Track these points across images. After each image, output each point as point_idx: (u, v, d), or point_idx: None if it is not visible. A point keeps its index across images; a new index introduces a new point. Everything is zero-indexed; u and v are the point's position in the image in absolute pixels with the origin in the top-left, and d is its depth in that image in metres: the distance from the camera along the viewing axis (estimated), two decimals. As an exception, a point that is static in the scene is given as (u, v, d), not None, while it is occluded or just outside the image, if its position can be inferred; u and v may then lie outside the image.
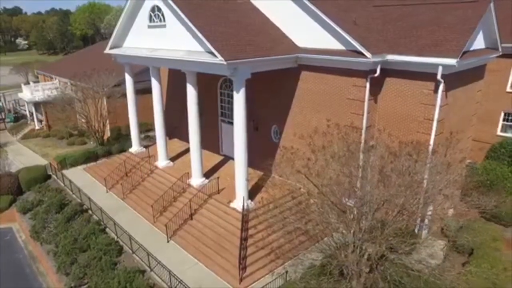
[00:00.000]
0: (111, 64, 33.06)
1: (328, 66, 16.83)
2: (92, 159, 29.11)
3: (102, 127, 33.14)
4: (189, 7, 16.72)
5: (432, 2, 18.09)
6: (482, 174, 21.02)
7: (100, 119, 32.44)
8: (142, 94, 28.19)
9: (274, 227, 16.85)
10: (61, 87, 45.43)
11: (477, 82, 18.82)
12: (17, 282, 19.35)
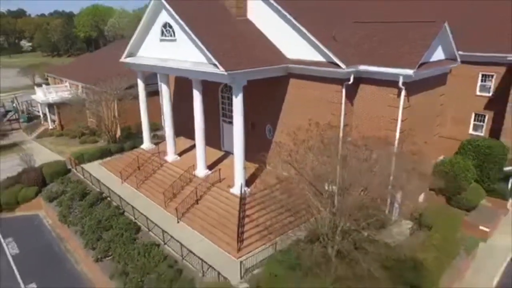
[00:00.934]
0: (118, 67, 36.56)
1: (311, 75, 20.17)
2: (107, 155, 32.44)
3: (114, 127, 36.45)
4: (196, 25, 20.04)
5: (401, 20, 21.41)
6: (448, 167, 24.31)
7: (113, 119, 35.76)
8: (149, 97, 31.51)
9: (267, 209, 20.25)
10: (74, 90, 48.87)
11: (440, 88, 22.15)
12: (49, 259, 22.70)
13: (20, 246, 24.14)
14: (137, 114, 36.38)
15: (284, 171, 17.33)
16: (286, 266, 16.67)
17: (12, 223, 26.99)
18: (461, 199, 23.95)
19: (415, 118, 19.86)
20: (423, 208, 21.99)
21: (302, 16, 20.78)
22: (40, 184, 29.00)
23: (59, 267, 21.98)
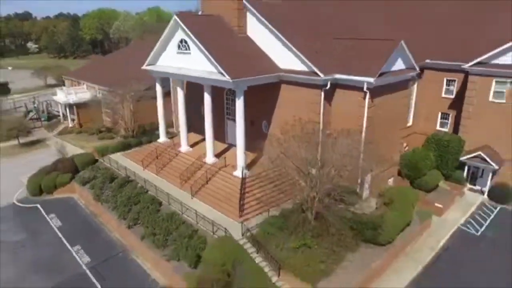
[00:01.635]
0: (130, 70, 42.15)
1: (298, 81, 25.55)
2: (127, 148, 37.78)
3: (133, 124, 41.92)
4: (207, 42, 25.39)
5: (371, 38, 26.78)
6: (411, 156, 29.69)
7: (132, 117, 41.24)
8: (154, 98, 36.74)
9: (263, 187, 25.66)
10: (93, 92, 54.37)
11: (402, 91, 27.50)
12: (87, 230, 28.14)
13: (62, 220, 29.59)
14: (150, 114, 42.16)
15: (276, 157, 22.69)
16: (276, 227, 22.06)
17: (52, 203, 32.48)
18: (421, 182, 29.35)
19: (379, 115, 25.21)
20: (387, 188, 27.35)
21: (291, 33, 26.21)
22: (73, 171, 34.43)
23: (96, 235, 27.44)
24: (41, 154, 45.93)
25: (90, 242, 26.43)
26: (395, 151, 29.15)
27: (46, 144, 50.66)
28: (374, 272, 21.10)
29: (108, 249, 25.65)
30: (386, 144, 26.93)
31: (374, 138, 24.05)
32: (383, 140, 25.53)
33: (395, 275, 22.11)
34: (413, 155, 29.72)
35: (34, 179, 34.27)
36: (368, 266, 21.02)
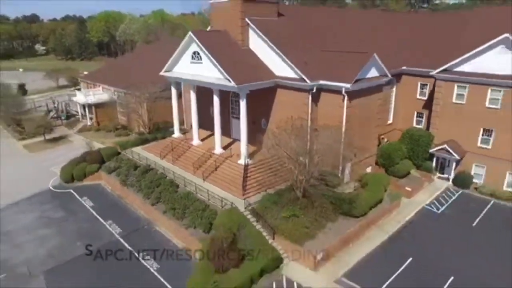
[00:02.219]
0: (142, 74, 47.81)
1: (290, 86, 31.28)
2: (145, 142, 43.52)
3: (149, 122, 47.76)
4: (216, 54, 31.10)
5: (350, 50, 32.47)
6: (386, 148, 35.40)
7: (148, 116, 47.10)
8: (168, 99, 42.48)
9: (262, 172, 31.39)
10: (110, 93, 60.16)
11: (377, 94, 33.18)
12: (116, 208, 33.93)
13: (94, 201, 35.42)
14: (162, 113, 48.00)
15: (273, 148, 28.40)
16: (272, 202, 27.80)
17: (83, 188, 38.32)
18: (394, 169, 35.07)
19: (356, 114, 30.91)
20: (365, 174, 33.07)
21: (285, 46, 31.94)
22: (100, 162, 40.24)
23: (124, 212, 33.25)
24: (65, 149, 51.85)
25: (120, 218, 32.24)
26: (371, 144, 34.82)
27: (69, 140, 56.56)
28: (349, 238, 26.81)
29: (135, 222, 31.47)
30: (363, 138, 32.69)
31: (352, 133, 29.76)
32: (360, 134, 31.29)
33: (367, 241, 27.82)
34: (388, 147, 35.46)
35: (66, 169, 40.10)
36: (344, 232, 26.75)
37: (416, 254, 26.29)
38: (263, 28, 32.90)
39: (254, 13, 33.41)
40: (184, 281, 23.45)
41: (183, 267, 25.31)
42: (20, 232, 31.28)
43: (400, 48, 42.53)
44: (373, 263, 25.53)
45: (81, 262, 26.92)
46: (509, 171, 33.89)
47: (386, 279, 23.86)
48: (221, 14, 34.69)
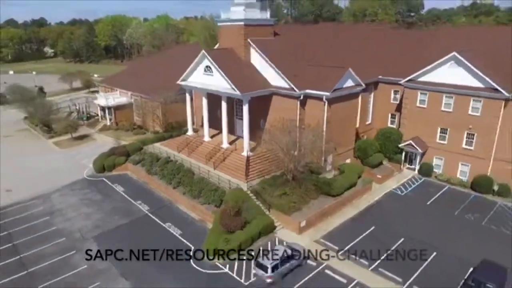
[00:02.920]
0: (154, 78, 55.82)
1: (282, 94, 39.37)
2: (162, 139, 51.55)
3: (164, 122, 55.92)
4: (224, 68, 39.15)
5: (331, 65, 40.51)
6: (361, 143, 43.46)
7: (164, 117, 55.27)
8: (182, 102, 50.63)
9: (261, 163, 39.48)
10: (127, 97, 68.24)
11: (354, 100, 41.24)
12: (142, 192, 42.02)
13: (124, 187, 43.51)
14: (175, 114, 56.12)
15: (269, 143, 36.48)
16: (268, 184, 35.88)
17: (113, 177, 46.42)
18: (368, 161, 43.10)
19: (335, 116, 38.93)
20: (343, 164, 41.10)
21: (279, 62, 39.96)
22: (126, 155, 48.34)
23: (150, 195, 41.34)
24: (91, 146, 60.03)
25: (147, 199, 40.35)
26: (349, 140, 42.88)
27: (92, 138, 64.70)
28: (326, 211, 34.87)
29: (159, 202, 39.59)
30: (342, 135, 40.79)
31: (332, 131, 37.85)
32: (339, 132, 39.40)
33: (341, 215, 35.86)
34: (363, 143, 43.56)
35: (98, 161, 48.21)
36: (323, 207, 34.81)
37: (378, 224, 34.34)
38: (262, 46, 41.00)
39: (254, 34, 41.52)
40: (201, 241, 31.57)
41: (200, 232, 33.39)
42: (69, 209, 39.40)
43: (378, 60, 50.54)
44: (344, 230, 33.60)
45: (121, 230, 35.04)
46: (461, 162, 41.91)
47: (352, 240, 31.91)
48: (227, 35, 42.87)
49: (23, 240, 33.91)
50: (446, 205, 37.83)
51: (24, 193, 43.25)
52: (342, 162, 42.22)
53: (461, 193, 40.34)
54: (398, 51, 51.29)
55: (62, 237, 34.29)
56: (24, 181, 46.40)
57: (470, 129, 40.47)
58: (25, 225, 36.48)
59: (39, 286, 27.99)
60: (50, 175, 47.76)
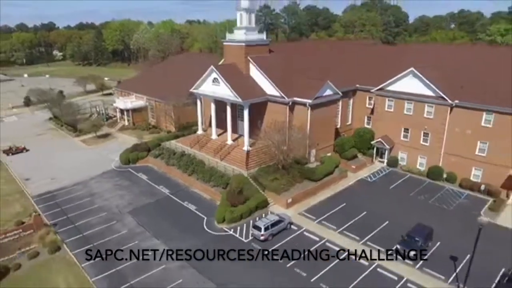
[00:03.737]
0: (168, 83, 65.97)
1: (275, 101, 49.56)
2: (176, 137, 61.69)
3: (177, 122, 66.18)
4: (228, 79, 49.30)
5: (314, 77, 50.64)
6: (340, 140, 53.64)
7: (176, 118, 65.54)
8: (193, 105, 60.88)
9: (259, 156, 49.70)
10: (143, 100, 78.41)
11: (333, 105, 51.44)
12: (163, 179, 52.20)
13: (147, 175, 53.69)
14: (186, 116, 66.37)
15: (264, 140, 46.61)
16: (264, 172, 46.10)
17: (137, 168, 56.62)
18: (345, 154, 53.24)
19: (317, 119, 49.07)
20: (324, 156, 51.22)
21: (272, 75, 50.08)
22: (147, 150, 58.53)
23: (169, 181, 51.50)
24: (113, 143, 70.25)
25: (167, 184, 50.51)
26: (329, 138, 53.04)
27: (113, 137, 74.87)
28: (308, 192, 45.01)
29: (177, 186, 49.75)
30: (323, 134, 50.95)
31: (314, 131, 48.03)
32: (321, 132, 49.59)
33: (321, 195, 45.95)
34: (341, 140, 53.76)
35: (123, 155, 58.39)
36: (306, 189, 44.95)
37: (348, 202, 44.46)
38: (259, 62, 51.16)
39: (253, 52, 51.68)
40: (211, 214, 41.74)
41: (210, 208, 43.53)
42: (105, 192, 49.58)
43: (357, 71, 60.63)
44: (321, 206, 43.72)
45: (149, 206, 45.21)
46: (419, 155, 52.00)
47: (327, 213, 42.04)
48: (231, 52, 53.06)
49: (74, 214, 44.15)
50: (404, 189, 47.96)
51: (66, 181, 53.49)
52: (324, 155, 52.30)
53: (418, 180, 50.42)
54: (374, 64, 61.37)
55: (104, 212, 44.49)
56: (63, 172, 56.60)
57: (426, 129, 50.58)
58: (73, 203, 46.74)
59: (94, 243, 38.14)
60: (83, 167, 57.93)
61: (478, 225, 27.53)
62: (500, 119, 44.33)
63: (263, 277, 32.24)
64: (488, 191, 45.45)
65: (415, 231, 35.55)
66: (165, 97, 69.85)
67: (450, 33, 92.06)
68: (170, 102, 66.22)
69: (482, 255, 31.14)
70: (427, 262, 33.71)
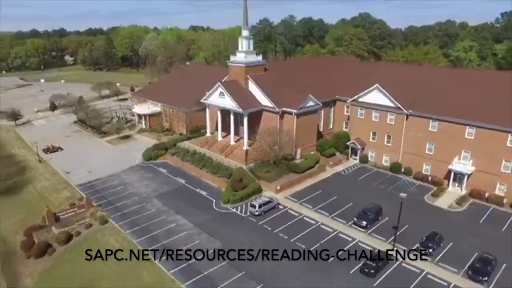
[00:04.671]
0: (180, 92, 79.38)
1: (268, 110, 62.78)
2: (188, 139, 74.93)
3: (188, 126, 79.60)
4: (232, 93, 62.49)
5: (300, 92, 63.80)
6: (321, 142, 66.82)
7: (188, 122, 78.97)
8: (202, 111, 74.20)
9: (255, 153, 63.01)
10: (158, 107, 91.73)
11: (315, 114, 64.65)
12: (179, 173, 65.53)
13: (166, 169, 66.95)
14: (195, 121, 79.68)
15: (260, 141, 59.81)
16: (258, 166, 59.42)
17: (157, 163, 69.88)
18: (324, 153, 66.40)
19: (301, 124, 62.26)
20: (308, 154, 64.34)
21: (267, 89, 63.24)
22: (165, 149, 71.83)
23: (184, 173, 64.78)
24: (135, 143, 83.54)
25: (183, 176, 63.77)
26: (312, 139, 66.21)
27: (134, 138, 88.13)
28: (293, 181, 58.19)
29: (191, 177, 62.99)
30: (307, 136, 64.16)
31: (299, 134, 61.23)
32: (305, 135, 62.76)
33: (303, 184, 59.10)
34: (321, 141, 66.93)
35: (146, 153, 71.71)
36: (291, 179, 58.15)
37: (324, 189, 57.59)
38: (256, 79, 64.35)
39: (251, 71, 64.91)
40: (219, 197, 54.98)
41: (218, 193, 56.72)
42: (134, 182, 62.79)
43: (338, 84, 73.73)
44: (302, 192, 56.86)
45: (170, 192, 58.42)
46: (384, 154, 65.08)
47: (306, 197, 55.21)
48: (234, 71, 66.32)
49: (113, 198, 57.40)
50: (370, 180, 61.03)
51: (100, 173, 66.78)
52: (307, 153, 65.42)
53: (383, 173, 63.48)
54: (351, 78, 74.51)
55: (135, 196, 57.72)
56: (96, 166, 69.89)
57: (388, 133, 63.67)
58: (110, 190, 60.01)
59: (132, 218, 51.33)
60: (113, 162, 71.22)
61: (400, 199, 40.72)
62: (441, 126, 57.40)
63: (257, 238, 45.41)
64: (434, 181, 58.51)
65: (368, 208, 48.73)
66: (178, 104, 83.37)
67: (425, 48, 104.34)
68: (182, 109, 79.53)
69: (419, 225, 44.59)
70: (375, 230, 46.84)
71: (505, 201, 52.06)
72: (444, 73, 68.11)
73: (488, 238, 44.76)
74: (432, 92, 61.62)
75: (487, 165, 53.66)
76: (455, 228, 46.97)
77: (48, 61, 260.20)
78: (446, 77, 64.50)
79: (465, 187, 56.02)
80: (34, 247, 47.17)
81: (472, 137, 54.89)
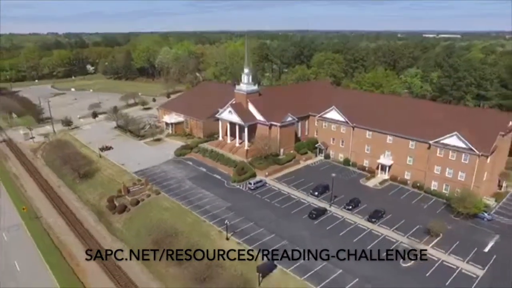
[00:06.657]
0: (199, 105, 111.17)
1: (261, 123, 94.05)
2: (205, 141, 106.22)
3: (205, 132, 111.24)
4: (237, 112, 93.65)
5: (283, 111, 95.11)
6: (298, 144, 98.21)
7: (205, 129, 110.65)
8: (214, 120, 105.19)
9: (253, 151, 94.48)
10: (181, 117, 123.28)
11: (292, 126, 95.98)
12: (202, 165, 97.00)
13: (192, 163, 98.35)
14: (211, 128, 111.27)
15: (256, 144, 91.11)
16: (255, 160, 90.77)
17: (186, 159, 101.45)
18: (300, 152, 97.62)
19: (284, 133, 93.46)
20: (288, 153, 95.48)
21: (262, 108, 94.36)
22: (191, 148, 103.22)
23: (205, 165, 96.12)
24: (166, 144, 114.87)
25: (204, 166, 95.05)
26: (291, 143, 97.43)
27: (164, 141, 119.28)
28: (277, 170, 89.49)
29: (210, 168, 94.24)
30: (287, 141, 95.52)
31: (282, 140, 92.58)
32: (286, 140, 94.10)
33: (284, 171, 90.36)
34: (298, 144, 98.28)
35: (177, 151, 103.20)
36: (276, 168, 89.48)
37: (296, 176, 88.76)
38: (253, 102, 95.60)
39: (250, 97, 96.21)
40: (229, 179, 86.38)
41: (228, 177, 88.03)
42: (171, 171, 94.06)
43: (312, 103, 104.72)
44: (283, 177, 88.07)
45: (196, 177, 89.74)
46: (340, 152, 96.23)
47: (285, 179, 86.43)
48: (238, 96, 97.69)
49: (159, 179, 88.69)
50: (328, 170, 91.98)
51: (146, 164, 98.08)
52: (288, 152, 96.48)
53: (338, 166, 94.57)
54: (322, 99, 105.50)
55: (174, 179, 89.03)
56: (142, 160, 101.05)
57: (342, 139, 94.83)
58: (156, 176, 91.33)
59: (174, 191, 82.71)
60: (153, 158, 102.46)
61: (332, 177, 72.08)
62: (374, 134, 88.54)
63: (252, 203, 76.57)
64: (369, 170, 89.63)
65: (320, 185, 80.00)
66: (197, 115, 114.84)
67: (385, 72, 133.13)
68: (200, 119, 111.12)
69: (350, 196, 76.18)
70: (323, 198, 78.00)
71: (408, 182, 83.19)
72: (382, 99, 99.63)
73: (388, 203, 75.80)
74: (371, 112, 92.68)
75: (399, 159, 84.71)
76: (371, 197, 78.06)
77: (72, 70, 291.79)
78: (382, 102, 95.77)
79: (388, 174, 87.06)
80: (117, 207, 78.61)
81: (391, 142, 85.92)
